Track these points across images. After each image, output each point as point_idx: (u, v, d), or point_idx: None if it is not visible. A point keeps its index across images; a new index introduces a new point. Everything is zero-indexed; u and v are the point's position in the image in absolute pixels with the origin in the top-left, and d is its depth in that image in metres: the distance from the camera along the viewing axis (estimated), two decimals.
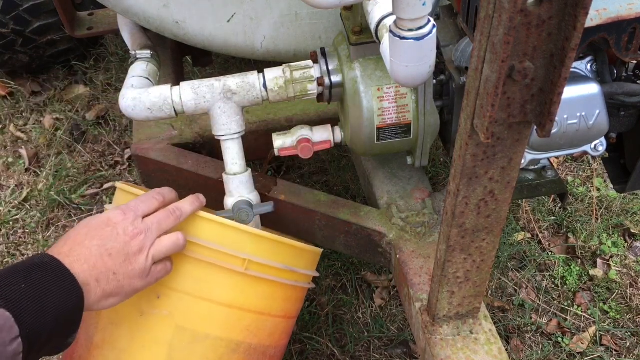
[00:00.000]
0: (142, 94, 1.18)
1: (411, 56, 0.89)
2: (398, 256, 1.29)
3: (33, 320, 0.80)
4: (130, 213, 0.98)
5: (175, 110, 1.18)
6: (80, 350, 1.12)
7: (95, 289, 0.90)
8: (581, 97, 1.03)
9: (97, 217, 0.97)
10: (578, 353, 1.74)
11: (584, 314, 1.83)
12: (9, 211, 2.08)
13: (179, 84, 1.18)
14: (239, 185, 1.23)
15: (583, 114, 1.04)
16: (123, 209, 0.99)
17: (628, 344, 1.76)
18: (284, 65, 1.19)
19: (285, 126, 1.49)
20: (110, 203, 1.42)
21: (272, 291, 1.16)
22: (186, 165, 1.44)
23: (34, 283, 0.82)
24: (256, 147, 1.52)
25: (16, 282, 0.81)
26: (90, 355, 1.11)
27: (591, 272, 1.91)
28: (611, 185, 1.58)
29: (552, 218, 2.06)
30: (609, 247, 1.97)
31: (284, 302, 1.19)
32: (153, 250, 0.98)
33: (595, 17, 0.89)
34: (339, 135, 1.28)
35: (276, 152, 1.26)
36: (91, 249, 0.91)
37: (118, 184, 1.19)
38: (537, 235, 2.01)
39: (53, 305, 0.83)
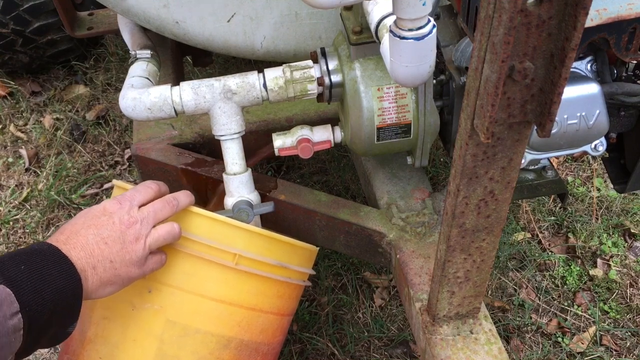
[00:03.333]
0: (142, 94, 1.18)
1: (411, 56, 0.90)
2: (398, 256, 1.29)
3: (32, 299, 0.81)
4: (126, 202, 0.99)
5: (175, 110, 1.18)
6: (74, 345, 1.13)
7: (92, 277, 0.91)
8: (581, 97, 1.03)
9: (94, 208, 0.99)
10: (578, 353, 1.74)
11: (584, 314, 1.83)
12: (9, 211, 2.08)
13: (179, 84, 1.18)
14: (239, 185, 1.23)
15: (583, 114, 1.04)
16: (119, 199, 1.00)
17: (628, 344, 1.76)
18: (284, 65, 1.19)
19: (285, 126, 1.49)
20: None
21: (264, 287, 1.15)
22: (186, 165, 1.44)
23: (33, 266, 0.84)
24: (256, 147, 1.52)
25: (16, 265, 0.83)
26: (84, 349, 1.11)
27: (591, 272, 1.91)
28: (611, 185, 1.58)
29: (552, 218, 2.06)
30: (609, 247, 1.97)
31: (276, 299, 1.19)
32: (149, 239, 0.98)
33: (595, 17, 0.89)
34: (339, 135, 1.28)
35: (276, 152, 1.26)
36: (87, 237, 0.93)
37: (115, 182, 1.20)
38: (537, 235, 2.01)
39: (52, 287, 0.84)
